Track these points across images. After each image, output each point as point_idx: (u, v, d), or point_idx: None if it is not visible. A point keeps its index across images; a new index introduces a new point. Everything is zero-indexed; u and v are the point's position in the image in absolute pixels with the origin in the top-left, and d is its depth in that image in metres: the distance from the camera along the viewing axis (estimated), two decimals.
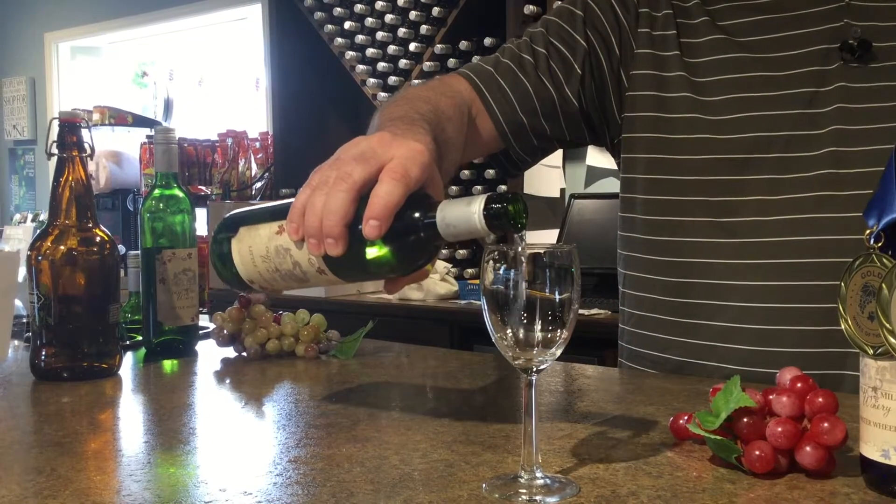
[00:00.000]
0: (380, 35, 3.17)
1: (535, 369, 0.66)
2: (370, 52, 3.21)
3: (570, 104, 1.11)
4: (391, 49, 3.15)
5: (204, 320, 1.38)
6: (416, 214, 0.73)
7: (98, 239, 1.09)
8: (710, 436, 0.69)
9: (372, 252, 0.74)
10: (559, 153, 2.91)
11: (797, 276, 1.00)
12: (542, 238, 2.88)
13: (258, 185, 3.80)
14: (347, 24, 3.25)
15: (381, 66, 3.18)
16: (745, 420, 0.68)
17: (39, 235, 1.09)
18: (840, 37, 1.01)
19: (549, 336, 0.64)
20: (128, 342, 1.29)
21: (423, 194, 0.75)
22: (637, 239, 1.12)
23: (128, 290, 1.36)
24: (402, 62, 3.13)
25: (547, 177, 2.97)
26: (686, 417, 0.75)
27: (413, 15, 3.07)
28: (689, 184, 1.06)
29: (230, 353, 1.24)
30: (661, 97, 1.09)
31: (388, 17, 3.13)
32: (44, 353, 1.08)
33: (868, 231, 0.63)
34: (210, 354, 1.24)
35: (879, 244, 0.62)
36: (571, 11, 1.14)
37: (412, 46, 3.09)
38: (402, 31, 3.10)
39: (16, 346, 1.30)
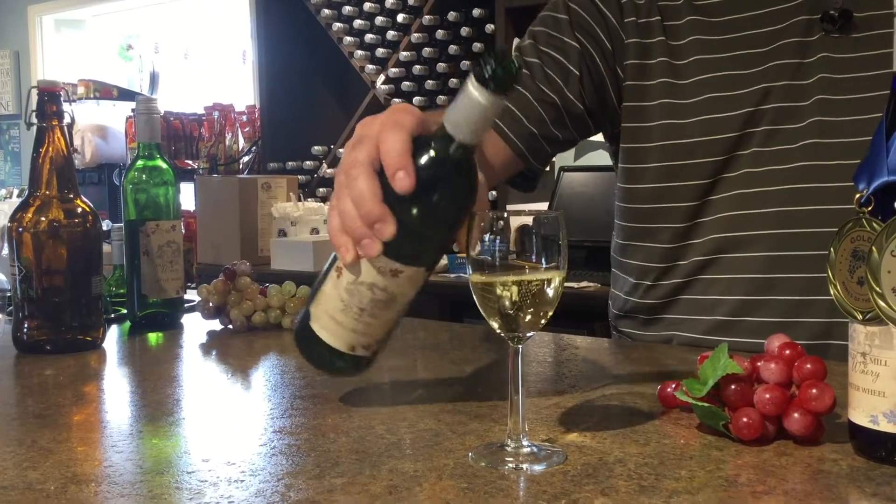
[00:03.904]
0: (367, 6, 3.14)
1: (521, 338, 0.65)
2: (358, 23, 3.17)
3: (575, 106, 1.09)
4: (379, 20, 3.12)
5: (191, 294, 1.37)
6: (430, 143, 0.68)
7: (80, 210, 1.08)
8: (698, 403, 0.68)
9: (421, 208, 0.68)
10: None
11: (782, 247, 1.00)
12: None
13: (245, 158, 3.77)
14: None
15: (369, 37, 3.15)
16: (732, 387, 0.67)
17: (20, 207, 1.07)
18: (821, 8, 1.01)
19: (536, 305, 0.63)
20: (112, 315, 1.28)
21: (425, 131, 0.70)
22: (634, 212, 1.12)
23: (112, 264, 1.35)
24: (390, 34, 3.10)
25: None
26: (674, 385, 0.74)
27: None
28: (678, 164, 1.06)
29: (216, 325, 1.23)
30: (643, 85, 1.08)
31: None
32: (26, 325, 1.06)
33: (858, 195, 0.62)
34: (196, 327, 1.23)
35: (869, 208, 0.61)
36: (555, 17, 1.12)
37: (400, 17, 3.06)
38: (389, 2, 3.07)
39: None
